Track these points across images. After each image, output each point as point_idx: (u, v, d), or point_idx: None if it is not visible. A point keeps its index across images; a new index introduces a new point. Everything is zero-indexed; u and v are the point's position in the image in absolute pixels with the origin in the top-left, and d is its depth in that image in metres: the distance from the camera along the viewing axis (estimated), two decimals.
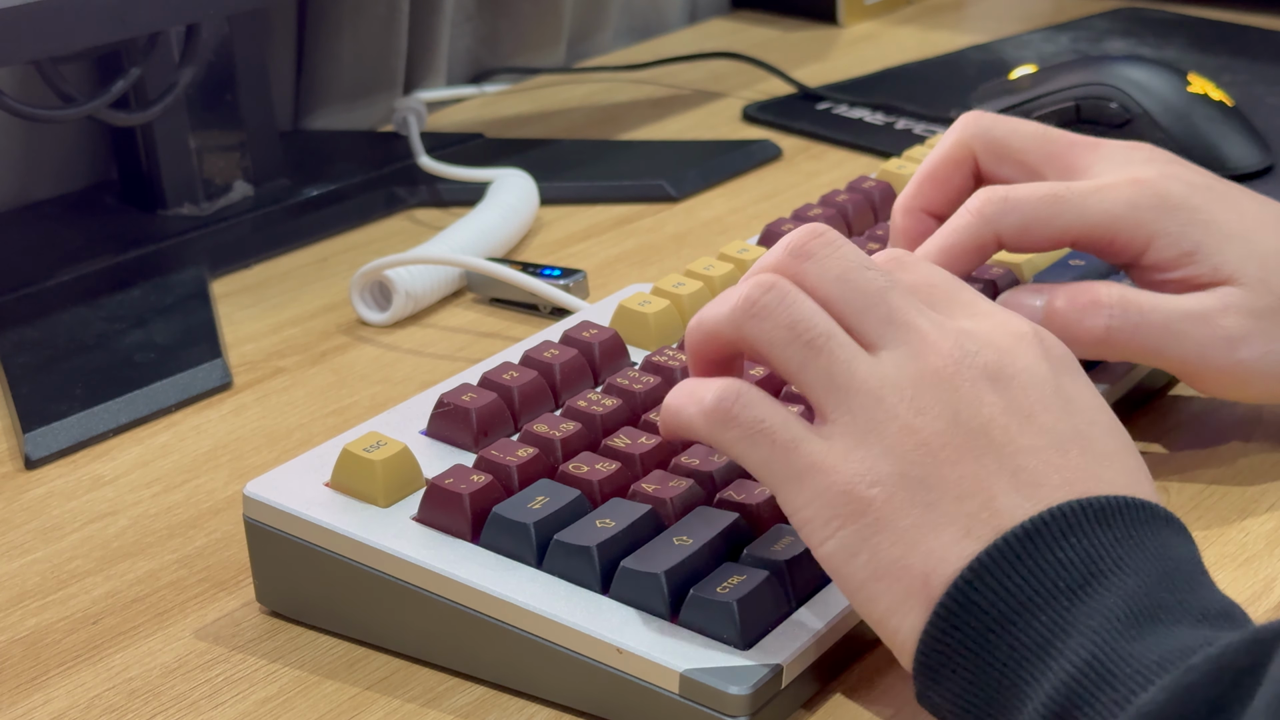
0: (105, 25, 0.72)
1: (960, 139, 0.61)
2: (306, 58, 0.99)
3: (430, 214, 0.87)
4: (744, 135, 0.97)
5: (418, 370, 0.71)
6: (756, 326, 0.47)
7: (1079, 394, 0.48)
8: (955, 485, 0.45)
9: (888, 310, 0.47)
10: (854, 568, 0.45)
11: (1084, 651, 0.41)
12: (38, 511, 0.61)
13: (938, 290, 0.49)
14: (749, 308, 0.47)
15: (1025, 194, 0.57)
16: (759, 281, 0.47)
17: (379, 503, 0.52)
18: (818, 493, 0.45)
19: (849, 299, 0.47)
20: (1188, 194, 0.58)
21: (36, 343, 0.72)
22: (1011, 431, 0.45)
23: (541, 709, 0.50)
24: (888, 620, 0.45)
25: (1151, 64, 0.86)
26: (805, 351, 0.46)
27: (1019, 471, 0.45)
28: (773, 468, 0.46)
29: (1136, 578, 0.43)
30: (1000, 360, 0.47)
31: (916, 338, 0.47)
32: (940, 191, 0.61)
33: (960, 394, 0.46)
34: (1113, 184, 0.58)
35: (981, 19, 1.21)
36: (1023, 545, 0.43)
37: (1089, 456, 0.46)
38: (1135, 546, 0.43)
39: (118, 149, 0.86)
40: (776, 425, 0.46)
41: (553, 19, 1.10)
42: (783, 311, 0.47)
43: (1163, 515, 0.45)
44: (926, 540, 0.44)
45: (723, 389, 0.47)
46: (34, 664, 0.53)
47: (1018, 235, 0.57)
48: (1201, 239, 0.57)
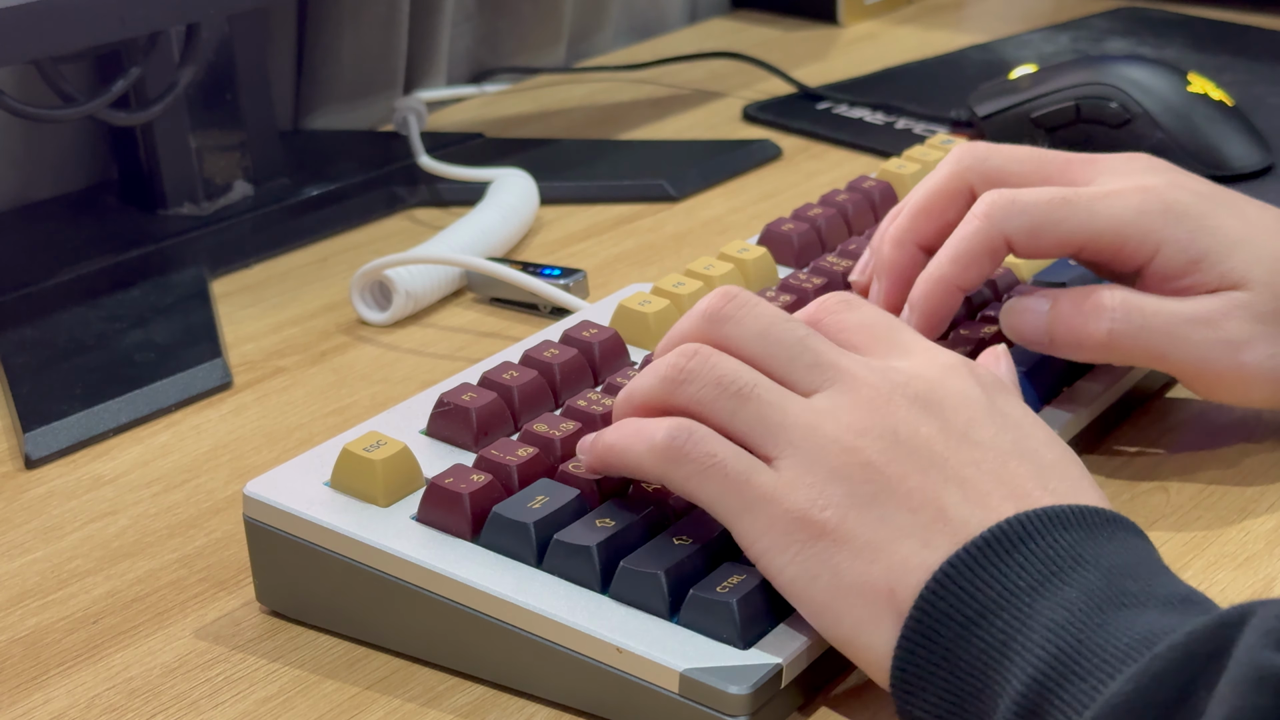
0: (105, 25, 0.72)
1: (955, 171, 0.60)
2: (306, 58, 0.99)
3: (430, 214, 0.87)
4: (744, 135, 0.97)
5: (418, 370, 0.71)
6: (685, 391, 0.48)
7: (1012, 411, 0.49)
8: (905, 499, 0.45)
9: (813, 356, 0.48)
10: (816, 590, 0.46)
11: (1050, 645, 0.42)
12: (38, 511, 0.61)
13: (876, 329, 0.50)
14: (676, 375, 0.49)
15: (1034, 197, 0.57)
16: (681, 350, 0.49)
17: (379, 502, 0.52)
18: (771, 522, 0.46)
19: (773, 353, 0.49)
20: (1193, 202, 0.58)
21: (36, 343, 0.72)
22: (951, 447, 0.46)
23: (541, 709, 0.50)
24: (857, 638, 0.45)
25: (1151, 64, 0.86)
26: (735, 401, 0.48)
27: (965, 483, 0.46)
28: (726, 501, 0.47)
29: (1096, 572, 0.43)
30: (929, 388, 0.48)
31: (846, 375, 0.48)
32: (934, 225, 0.60)
33: (897, 417, 0.47)
34: (1120, 190, 0.58)
35: (981, 19, 1.21)
36: (983, 552, 0.44)
37: (1032, 467, 0.47)
38: (1093, 546, 0.44)
39: (118, 149, 0.86)
40: (728, 459, 0.47)
41: (553, 19, 1.10)
42: (707, 371, 0.48)
43: (1117, 519, 0.46)
44: (886, 554, 0.45)
45: (674, 426, 0.48)
46: (34, 664, 0.53)
47: (1026, 238, 0.57)
48: (1209, 246, 0.57)
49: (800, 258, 0.70)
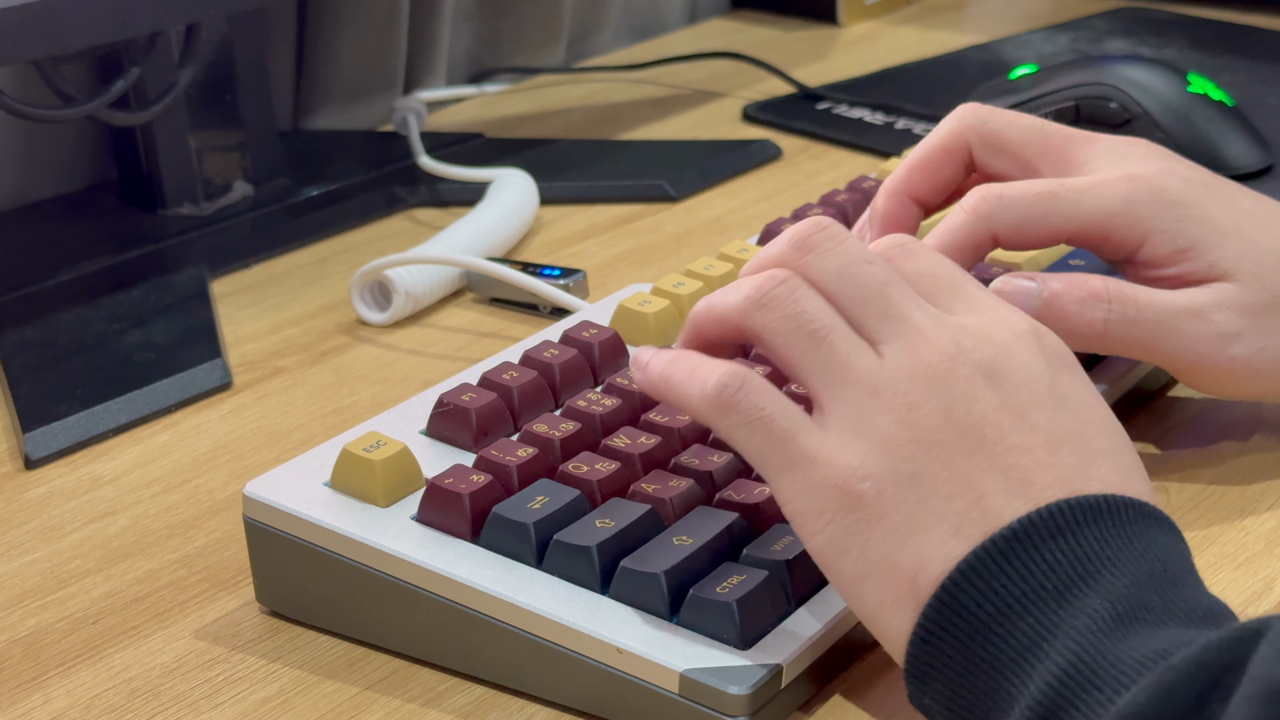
0: (105, 25, 0.72)
1: (956, 129, 0.60)
2: (306, 58, 0.99)
3: (430, 214, 0.87)
4: (744, 135, 0.97)
5: (418, 370, 0.71)
6: (764, 316, 0.48)
7: (1074, 391, 0.47)
8: (945, 483, 0.45)
9: (885, 305, 0.47)
10: (844, 564, 0.45)
11: (1069, 654, 0.41)
12: (38, 511, 0.61)
13: (939, 281, 0.49)
14: (760, 297, 0.48)
15: (1020, 191, 0.57)
16: (772, 275, 0.48)
17: (379, 503, 0.52)
18: (810, 485, 0.46)
19: (848, 293, 0.48)
20: (1183, 190, 0.58)
21: (36, 343, 0.72)
22: (1004, 429, 0.46)
23: (541, 709, 0.50)
24: (878, 618, 0.45)
25: (1151, 64, 0.86)
26: (808, 342, 0.47)
27: (1010, 470, 0.45)
28: (768, 456, 0.46)
29: (1123, 579, 0.43)
30: (996, 357, 0.47)
31: (913, 332, 0.47)
32: (929, 180, 0.61)
33: (954, 390, 0.46)
34: (1108, 180, 0.58)
35: (981, 19, 1.21)
36: (1010, 547, 0.43)
37: (1081, 454, 0.46)
38: (1123, 546, 0.43)
39: (118, 149, 0.86)
40: (776, 414, 0.46)
41: (553, 19, 1.10)
42: (790, 303, 0.47)
43: (1152, 513, 0.45)
44: (915, 539, 0.44)
45: (728, 374, 0.47)
46: (34, 664, 0.53)
47: (1014, 233, 0.57)
48: (1197, 235, 0.57)
49: None
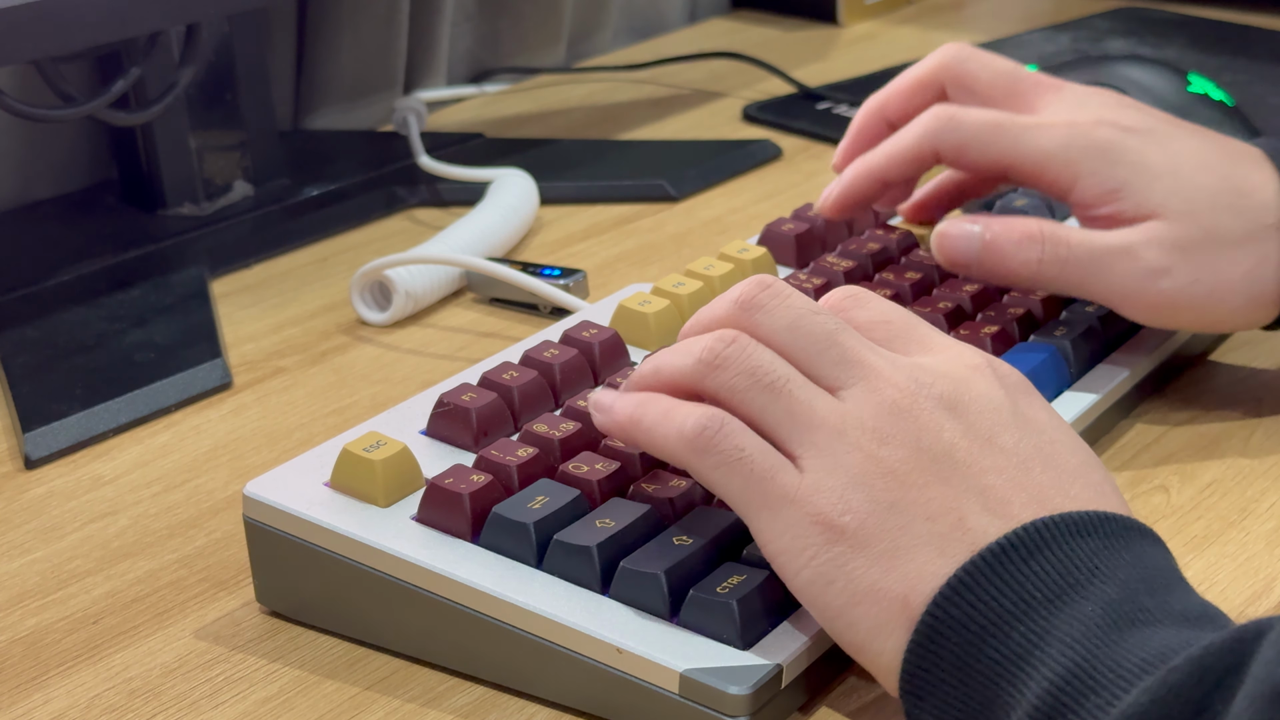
0: (105, 25, 0.72)
1: (935, 64, 0.66)
2: (306, 58, 0.99)
3: (430, 214, 0.87)
4: (744, 135, 0.97)
5: (418, 370, 0.71)
6: (719, 376, 0.48)
7: (1036, 415, 0.48)
8: (925, 507, 0.45)
9: (840, 351, 0.48)
10: (831, 595, 0.45)
11: (1065, 659, 0.41)
12: (38, 511, 0.61)
13: (894, 326, 0.50)
14: (712, 359, 0.48)
15: (971, 118, 0.62)
16: (720, 335, 0.49)
17: (379, 503, 0.52)
18: (792, 523, 0.46)
19: (801, 345, 0.48)
20: (1120, 138, 0.61)
21: (36, 343, 0.72)
22: (974, 453, 0.46)
23: (541, 709, 0.50)
24: (869, 645, 0.45)
25: (1151, 64, 0.86)
26: (767, 395, 0.47)
27: (986, 491, 0.46)
28: (749, 497, 0.47)
29: (1114, 585, 0.43)
30: (955, 389, 0.48)
31: (871, 374, 0.48)
32: (902, 106, 0.67)
33: (920, 422, 0.47)
34: (1051, 123, 0.62)
35: (981, 19, 1.21)
36: (999, 560, 0.43)
37: (1054, 473, 0.46)
38: (1110, 556, 0.44)
39: (118, 149, 0.86)
40: (755, 454, 0.47)
41: (553, 19, 1.10)
42: (743, 360, 0.48)
43: (1135, 526, 0.45)
44: (902, 562, 0.45)
45: (706, 416, 0.47)
46: (34, 664, 0.53)
47: (955, 153, 0.62)
48: (1127, 178, 0.60)
49: (800, 258, 0.70)
